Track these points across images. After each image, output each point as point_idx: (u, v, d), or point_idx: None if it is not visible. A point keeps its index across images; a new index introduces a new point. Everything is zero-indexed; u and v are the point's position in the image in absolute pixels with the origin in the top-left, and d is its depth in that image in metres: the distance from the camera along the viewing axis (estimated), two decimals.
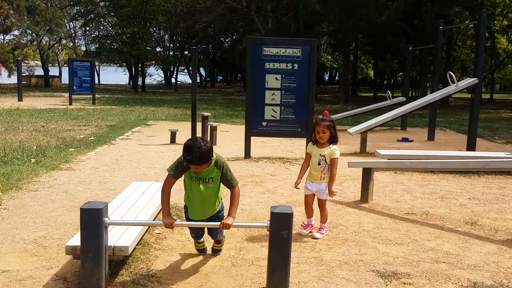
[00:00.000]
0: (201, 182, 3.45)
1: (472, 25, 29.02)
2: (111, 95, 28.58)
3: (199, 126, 10.88)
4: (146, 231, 4.31)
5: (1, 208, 5.13)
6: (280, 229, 3.08)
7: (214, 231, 3.73)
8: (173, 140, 10.38)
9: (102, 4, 39.30)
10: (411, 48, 15.22)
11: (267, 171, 7.59)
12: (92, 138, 10.56)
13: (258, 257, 3.98)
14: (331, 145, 4.42)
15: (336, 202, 5.85)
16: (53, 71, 47.98)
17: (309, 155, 4.53)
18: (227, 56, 49.16)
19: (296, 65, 8.37)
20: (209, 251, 4.02)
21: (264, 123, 8.52)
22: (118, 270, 3.59)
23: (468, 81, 9.88)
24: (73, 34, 49.14)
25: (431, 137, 12.06)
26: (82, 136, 10.75)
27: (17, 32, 36.71)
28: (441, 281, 3.61)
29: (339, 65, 41.70)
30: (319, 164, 4.40)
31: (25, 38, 37.84)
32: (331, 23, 29.00)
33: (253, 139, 8.77)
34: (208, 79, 52.55)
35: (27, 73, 40.09)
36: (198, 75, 37.65)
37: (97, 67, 46.68)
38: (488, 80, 40.33)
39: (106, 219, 3.15)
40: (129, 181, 6.41)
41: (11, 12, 32.86)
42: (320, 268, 3.80)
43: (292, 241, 3.16)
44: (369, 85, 50.61)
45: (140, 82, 38.49)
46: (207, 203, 3.55)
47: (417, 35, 27.75)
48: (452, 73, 10.36)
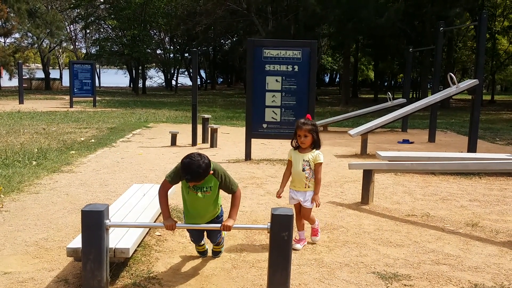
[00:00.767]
0: (199, 191, 3.42)
1: (473, 26, 29.05)
2: (111, 98, 28.61)
3: (199, 128, 10.90)
4: (147, 233, 4.32)
5: (3, 211, 5.14)
6: (281, 231, 3.08)
7: (213, 235, 3.74)
8: (173, 142, 10.39)
9: (102, 6, 39.35)
10: (411, 49, 15.21)
11: (268, 173, 7.59)
12: (93, 140, 10.58)
13: (258, 259, 3.98)
14: (314, 150, 4.13)
15: (337, 204, 5.85)
16: (54, 73, 48.09)
17: (290, 162, 4.22)
18: (227, 58, 49.18)
19: (296, 67, 8.37)
20: (209, 253, 4.03)
21: (265, 125, 8.53)
22: (119, 272, 3.59)
23: (469, 82, 9.88)
24: (74, 37, 49.31)
25: (432, 138, 12.05)
26: (83, 139, 10.77)
27: (18, 35, 36.93)
28: (442, 283, 3.61)
29: (340, 66, 41.73)
30: (304, 170, 4.10)
31: (26, 41, 38.03)
32: (331, 24, 29.02)
33: (253, 141, 8.78)
34: (208, 81, 52.60)
35: (28, 76, 40.17)
36: (198, 77, 37.83)
37: (98, 70, 46.79)
38: (489, 81, 40.30)
39: (107, 221, 3.15)
40: (130, 183, 6.42)
41: (12, 15, 32.97)
42: (321, 270, 3.81)
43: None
44: (369, 87, 50.59)
45: (140, 85, 38.54)
46: (205, 210, 3.54)
47: (418, 36, 27.73)
48: (452, 75, 10.36)
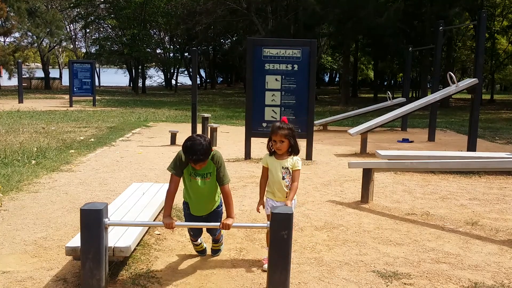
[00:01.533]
0: (200, 177, 3.49)
1: (472, 26, 29.05)
2: (111, 97, 28.60)
3: (199, 127, 10.89)
4: (146, 232, 4.31)
5: (2, 210, 5.13)
6: (280, 229, 3.07)
7: (213, 229, 3.75)
8: (173, 142, 10.38)
9: (102, 6, 39.34)
10: (411, 49, 15.21)
11: None
12: (93, 139, 10.57)
13: (258, 258, 3.98)
14: (293, 155, 3.75)
15: (337, 202, 5.84)
16: (54, 73, 48.10)
17: (266, 169, 3.79)
18: (227, 58, 49.19)
19: (296, 66, 8.37)
20: (208, 252, 4.03)
21: (264, 124, 8.52)
22: (118, 271, 3.59)
23: (468, 82, 9.87)
24: (74, 36, 49.31)
25: (432, 137, 12.05)
26: (82, 138, 10.76)
27: (17, 34, 36.88)
28: (442, 282, 3.60)
29: (339, 66, 41.71)
30: (284, 178, 3.71)
31: (25, 40, 37.98)
32: (331, 24, 29.03)
33: (253, 140, 8.77)
34: (208, 80, 52.61)
35: (27, 75, 40.19)
36: (198, 76, 37.82)
37: (98, 69, 46.77)
38: (489, 81, 40.30)
39: (106, 220, 3.14)
40: (129, 182, 6.42)
41: (12, 14, 32.95)
42: (321, 268, 3.80)
43: (292, 242, 3.16)
44: (369, 86, 50.61)
45: (140, 84, 38.55)
46: (207, 198, 3.59)
47: (417, 36, 27.72)
48: (452, 74, 10.35)
